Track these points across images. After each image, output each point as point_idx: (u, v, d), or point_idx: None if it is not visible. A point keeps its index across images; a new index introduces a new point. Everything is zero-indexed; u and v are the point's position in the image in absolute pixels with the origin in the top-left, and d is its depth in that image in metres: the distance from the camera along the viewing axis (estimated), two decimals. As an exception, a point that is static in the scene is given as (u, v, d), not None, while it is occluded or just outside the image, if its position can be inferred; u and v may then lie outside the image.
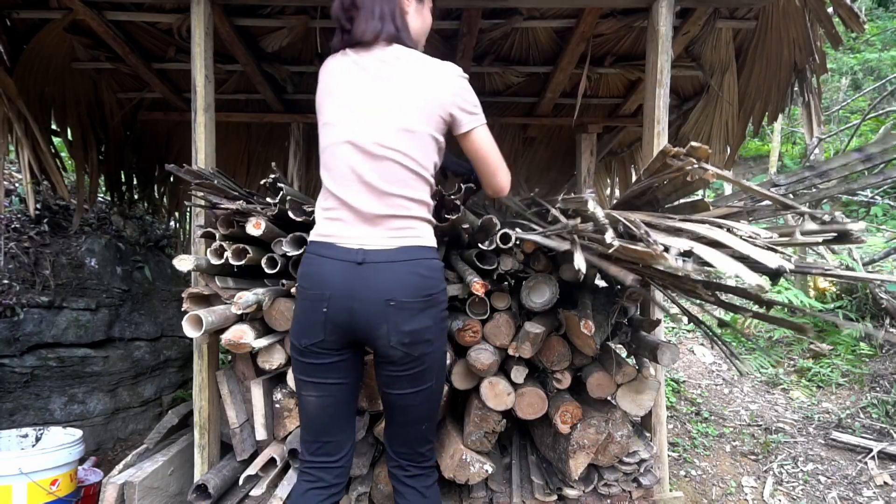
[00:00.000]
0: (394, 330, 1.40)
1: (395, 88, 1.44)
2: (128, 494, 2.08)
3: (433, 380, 1.51)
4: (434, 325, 1.46)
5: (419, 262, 1.43)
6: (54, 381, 3.23)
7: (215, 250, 1.98)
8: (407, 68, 1.46)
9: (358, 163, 1.44)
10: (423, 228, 1.47)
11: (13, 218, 3.44)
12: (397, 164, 1.42)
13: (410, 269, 1.41)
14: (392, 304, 1.38)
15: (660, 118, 2.27)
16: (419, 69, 1.46)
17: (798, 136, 9.75)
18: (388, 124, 1.43)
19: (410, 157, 1.43)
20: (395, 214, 1.42)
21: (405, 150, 1.43)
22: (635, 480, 2.18)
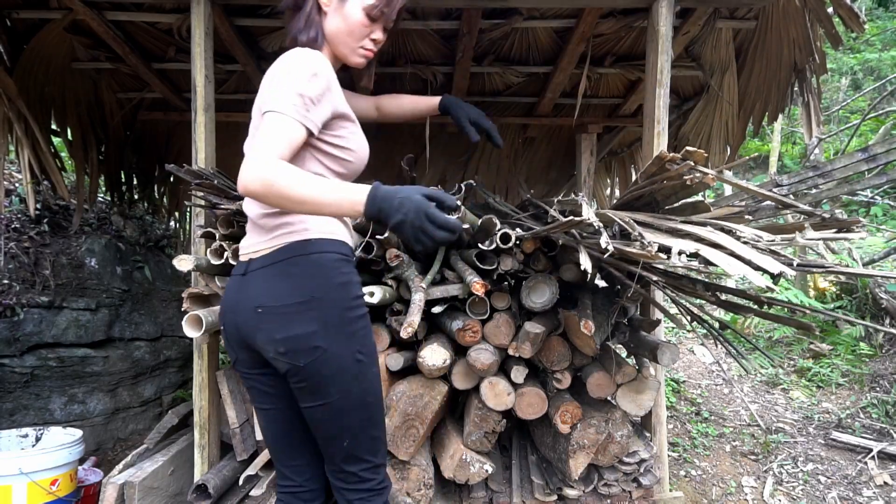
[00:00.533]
0: (268, 339, 1.27)
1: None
2: (128, 494, 2.08)
3: (335, 393, 1.29)
4: (322, 329, 1.26)
5: (293, 260, 1.28)
6: (54, 381, 3.23)
7: (215, 250, 1.98)
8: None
9: None
10: (307, 222, 1.32)
11: (13, 218, 3.44)
12: None
13: (281, 270, 1.28)
14: (260, 311, 1.26)
15: (660, 118, 2.27)
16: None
17: (798, 136, 9.75)
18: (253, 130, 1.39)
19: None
20: (271, 214, 1.32)
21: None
22: (635, 480, 2.18)
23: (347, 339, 1.29)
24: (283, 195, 1.14)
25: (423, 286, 1.95)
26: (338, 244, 1.36)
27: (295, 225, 1.31)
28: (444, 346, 1.98)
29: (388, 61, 3.16)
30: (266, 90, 1.29)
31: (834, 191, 1.60)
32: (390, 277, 2.06)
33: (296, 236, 1.31)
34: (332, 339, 1.27)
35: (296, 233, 1.31)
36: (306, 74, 1.26)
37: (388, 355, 2.06)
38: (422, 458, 2.10)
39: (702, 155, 1.36)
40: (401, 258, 1.99)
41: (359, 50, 1.44)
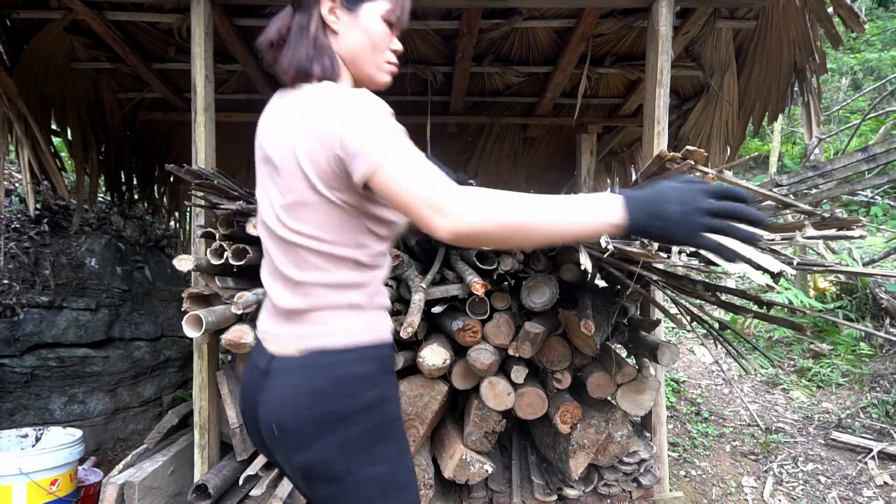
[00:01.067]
0: (284, 460, 1.10)
1: (282, 149, 1.05)
2: (128, 494, 2.08)
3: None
4: (344, 454, 1.04)
5: (321, 373, 1.04)
6: (54, 381, 3.23)
7: (215, 250, 1.98)
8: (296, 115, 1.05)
9: (270, 247, 1.12)
10: (337, 322, 1.07)
11: (13, 218, 3.44)
12: (302, 248, 1.05)
13: (304, 383, 1.04)
14: (275, 430, 1.06)
15: (660, 118, 2.27)
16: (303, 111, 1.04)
17: (798, 136, 9.76)
18: (280, 197, 1.06)
19: (311, 235, 1.04)
20: (305, 308, 1.07)
21: (304, 230, 1.04)
22: (635, 480, 2.18)
23: (374, 463, 1.06)
24: (513, 226, 0.86)
25: (423, 286, 1.95)
26: (379, 349, 1.12)
27: (330, 325, 1.07)
28: (444, 346, 1.98)
29: (388, 61, 3.16)
30: (355, 130, 0.95)
31: (834, 191, 1.61)
32: (390, 277, 2.06)
33: (330, 340, 1.06)
34: (355, 465, 1.05)
35: (331, 335, 1.06)
36: (380, 111, 0.98)
37: (388, 355, 2.06)
38: (422, 458, 2.10)
39: (702, 154, 1.37)
40: (401, 258, 1.99)
41: (385, 66, 1.19)
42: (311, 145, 0.99)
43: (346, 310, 1.08)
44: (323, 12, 1.12)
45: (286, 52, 1.11)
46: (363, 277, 1.10)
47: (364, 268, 1.10)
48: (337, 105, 0.99)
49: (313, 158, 0.99)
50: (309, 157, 1.00)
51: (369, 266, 1.11)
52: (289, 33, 1.13)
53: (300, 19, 1.12)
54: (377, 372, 1.11)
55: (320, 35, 1.13)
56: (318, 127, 0.99)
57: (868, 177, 3.06)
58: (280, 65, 1.11)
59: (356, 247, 1.07)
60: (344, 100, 1.00)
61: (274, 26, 1.14)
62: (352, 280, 1.08)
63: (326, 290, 1.08)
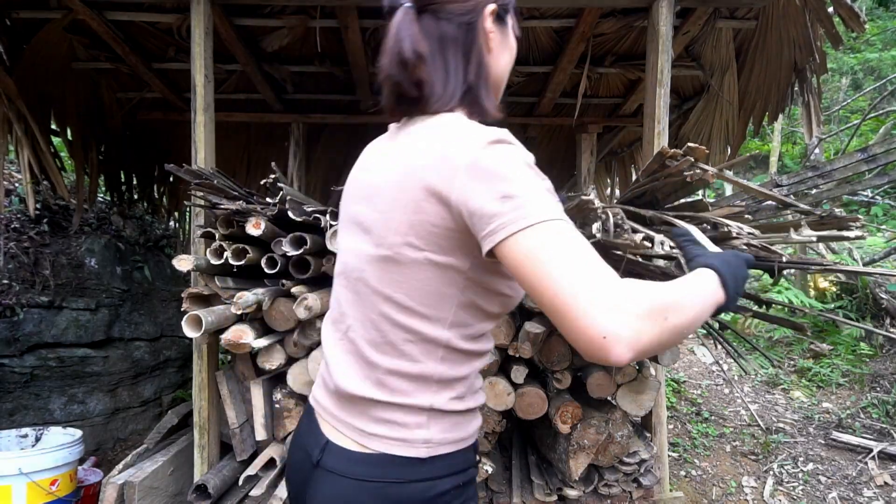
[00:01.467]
0: None
1: (384, 191, 0.83)
2: (128, 494, 2.08)
3: None
4: None
5: (383, 489, 0.82)
6: (54, 381, 3.23)
7: (215, 250, 1.98)
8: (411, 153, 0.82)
9: (346, 303, 0.90)
10: (416, 429, 0.83)
11: (13, 218, 3.44)
12: (386, 319, 0.83)
13: (363, 497, 0.82)
14: None
15: (660, 118, 2.27)
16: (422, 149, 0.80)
17: (798, 136, 9.75)
18: (373, 248, 0.84)
19: (400, 304, 0.82)
20: (374, 399, 0.84)
21: (393, 295, 0.82)
22: (635, 480, 2.18)
23: None
24: (676, 326, 0.68)
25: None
26: (464, 460, 0.89)
27: (405, 430, 0.83)
28: (444, 346, 1.98)
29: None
30: (484, 184, 0.72)
31: (834, 191, 1.60)
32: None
33: (405, 448, 0.83)
34: None
35: (407, 443, 0.83)
36: (528, 159, 0.76)
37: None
38: (422, 458, 2.10)
39: (703, 151, 1.37)
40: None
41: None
42: (420, 192, 0.76)
43: (429, 413, 0.84)
44: (487, 25, 0.87)
45: (435, 73, 0.84)
46: (456, 371, 0.85)
47: (459, 356, 0.85)
48: (469, 145, 0.74)
49: (420, 208, 0.76)
50: (415, 206, 0.77)
51: (466, 354, 0.85)
52: (432, 47, 0.84)
53: (449, 29, 0.85)
54: (456, 489, 0.86)
55: (484, 53, 0.88)
56: (431, 170, 0.75)
57: (868, 177, 3.06)
58: (433, 86, 0.84)
59: (455, 326, 0.83)
60: (478, 138, 0.74)
61: (405, 35, 0.83)
62: (441, 375, 0.83)
63: (406, 383, 0.83)
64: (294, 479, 0.95)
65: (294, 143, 3.77)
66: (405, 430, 0.83)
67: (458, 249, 0.78)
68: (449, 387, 0.85)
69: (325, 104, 3.72)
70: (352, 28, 2.62)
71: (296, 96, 3.60)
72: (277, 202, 1.94)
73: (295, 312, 1.87)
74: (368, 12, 2.64)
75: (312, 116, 3.72)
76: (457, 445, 0.87)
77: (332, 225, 1.91)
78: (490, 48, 0.88)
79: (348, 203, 0.94)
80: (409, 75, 0.83)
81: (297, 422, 1.03)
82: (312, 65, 3.20)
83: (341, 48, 2.88)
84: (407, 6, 0.85)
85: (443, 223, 0.76)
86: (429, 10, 0.85)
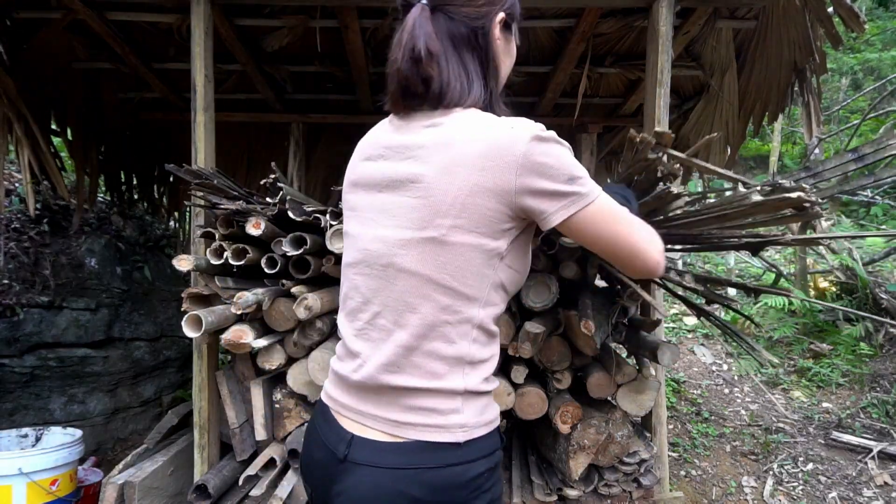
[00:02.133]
0: None
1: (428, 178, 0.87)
2: (128, 494, 2.08)
3: None
4: None
5: (418, 476, 0.82)
6: (54, 381, 3.23)
7: (215, 250, 1.98)
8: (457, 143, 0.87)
9: (368, 291, 0.91)
10: (453, 414, 0.85)
11: (13, 218, 3.44)
12: (427, 300, 0.85)
13: (401, 483, 0.82)
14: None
15: (660, 118, 2.27)
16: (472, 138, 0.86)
17: (798, 136, 9.76)
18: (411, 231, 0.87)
19: (443, 283, 0.85)
20: (410, 387, 0.85)
21: (434, 274, 0.85)
22: (635, 480, 2.18)
23: None
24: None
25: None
26: (493, 442, 0.91)
27: (443, 416, 0.84)
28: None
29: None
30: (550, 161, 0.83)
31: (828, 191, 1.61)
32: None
33: (441, 434, 0.84)
34: None
35: (443, 429, 0.84)
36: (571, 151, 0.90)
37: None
38: (422, 458, 2.10)
39: (669, 136, 1.40)
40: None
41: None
42: (474, 179, 0.82)
43: (463, 396, 0.86)
44: (496, 31, 0.94)
45: (449, 72, 0.89)
46: (486, 351, 0.90)
47: (486, 337, 0.89)
48: (522, 137, 0.82)
49: (474, 193, 0.82)
50: (469, 191, 0.82)
51: (491, 335, 0.91)
52: (444, 45, 0.89)
53: (462, 31, 0.90)
54: (488, 471, 0.87)
55: (499, 59, 0.98)
56: (491, 160, 0.82)
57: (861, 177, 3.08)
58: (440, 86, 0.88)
59: (487, 305, 0.88)
60: (530, 131, 0.83)
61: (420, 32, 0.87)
62: (473, 356, 0.87)
63: (442, 365, 0.85)
64: (316, 476, 0.94)
65: (294, 143, 3.77)
66: (440, 416, 0.84)
67: (504, 233, 0.86)
68: (479, 368, 0.89)
69: (325, 104, 3.72)
70: (352, 28, 2.62)
71: (296, 96, 3.59)
72: (277, 202, 1.94)
73: (295, 312, 1.87)
74: (368, 12, 2.64)
75: (312, 116, 3.72)
76: (488, 428, 0.90)
77: (332, 225, 1.91)
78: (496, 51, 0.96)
79: (364, 193, 0.96)
80: (419, 71, 0.87)
81: (309, 422, 1.03)
82: (312, 65, 3.20)
83: (341, 48, 2.87)
84: (423, 3, 0.89)
85: (498, 208, 0.83)
86: (442, 10, 0.90)
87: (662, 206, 1.53)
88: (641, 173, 1.54)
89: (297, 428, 2.10)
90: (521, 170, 0.82)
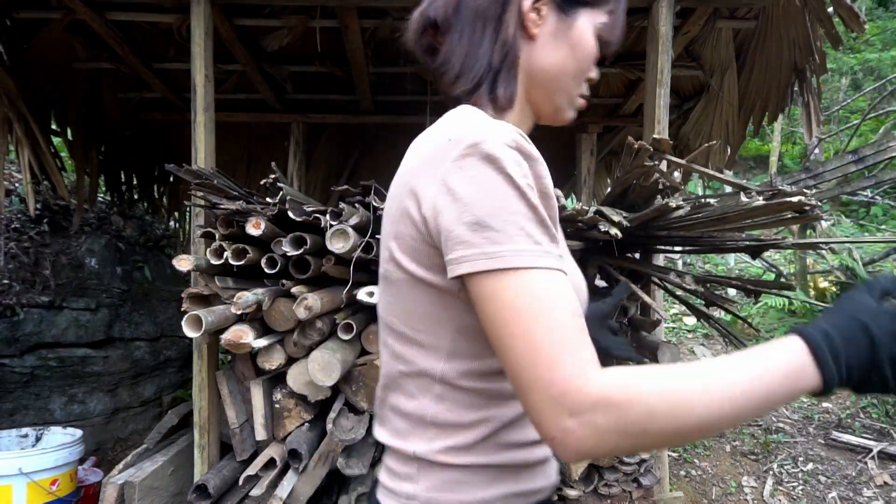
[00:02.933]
0: None
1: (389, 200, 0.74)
2: (128, 494, 2.08)
3: None
4: None
5: None
6: (54, 381, 3.23)
7: (215, 250, 1.98)
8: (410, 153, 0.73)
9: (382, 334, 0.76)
10: (404, 478, 0.70)
11: (13, 218, 3.44)
12: (384, 345, 0.74)
13: None
14: None
15: (660, 118, 2.27)
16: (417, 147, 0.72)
17: (798, 136, 9.76)
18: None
19: (397, 331, 0.70)
20: (382, 441, 0.75)
21: (390, 319, 0.71)
22: (635, 480, 2.18)
23: None
24: (665, 431, 0.51)
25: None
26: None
27: (400, 479, 0.70)
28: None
29: (389, 61, 3.16)
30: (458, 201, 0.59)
31: (828, 192, 1.61)
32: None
33: (390, 499, 0.71)
34: None
35: (395, 495, 0.70)
36: (529, 172, 0.61)
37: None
38: (422, 458, 2.10)
39: (667, 143, 1.40)
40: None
41: (577, 99, 0.80)
42: (404, 200, 0.65)
43: (417, 464, 0.69)
44: (525, 4, 0.73)
45: (453, 45, 0.74)
46: (458, 415, 0.67)
47: (461, 396, 0.67)
48: (453, 147, 0.61)
49: (402, 218, 0.66)
50: (399, 215, 0.66)
51: (473, 394, 0.67)
52: (457, 16, 0.74)
53: (481, 1, 0.73)
54: None
55: (517, 37, 0.74)
56: (416, 174, 0.65)
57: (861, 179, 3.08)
58: (441, 63, 0.75)
59: (452, 357, 0.66)
60: (466, 142, 0.60)
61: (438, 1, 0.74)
62: (436, 416, 0.67)
63: (403, 422, 0.70)
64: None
65: (294, 143, 3.77)
66: (396, 479, 0.71)
67: (439, 266, 0.63)
68: (446, 433, 0.67)
69: (325, 104, 3.72)
70: (352, 28, 2.62)
71: (296, 96, 3.59)
72: (277, 202, 1.94)
73: (295, 312, 1.87)
74: (368, 12, 2.64)
75: (312, 116, 3.72)
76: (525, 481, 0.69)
77: (332, 225, 1.91)
78: (532, 34, 0.74)
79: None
80: (420, 38, 0.77)
81: None
82: (312, 65, 3.20)
83: (341, 48, 2.88)
84: None
85: (419, 236, 0.64)
86: None
87: (662, 216, 1.54)
88: (640, 178, 1.55)
89: (297, 428, 2.10)
90: (436, 188, 0.61)
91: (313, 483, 2.06)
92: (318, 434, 2.12)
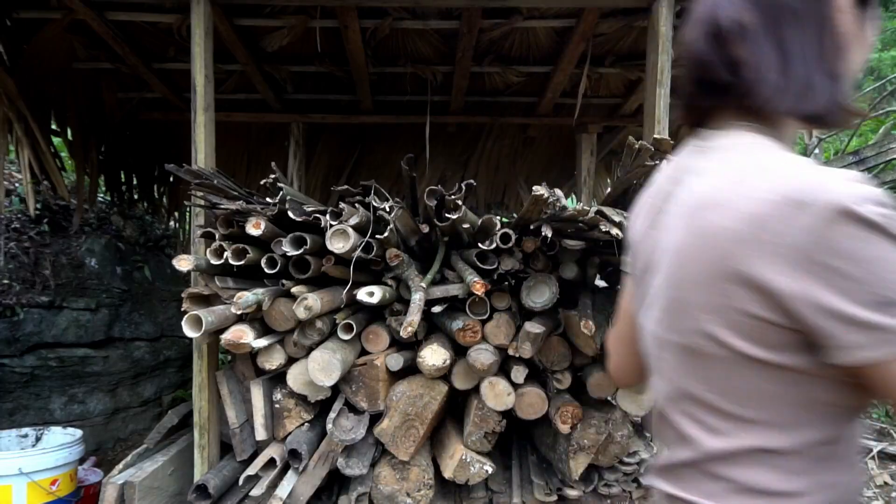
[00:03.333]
0: None
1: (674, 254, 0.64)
2: (128, 494, 2.08)
3: None
4: None
5: None
6: (54, 381, 3.23)
7: (215, 250, 1.98)
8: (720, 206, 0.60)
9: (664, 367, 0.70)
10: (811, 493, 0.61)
11: (13, 218, 3.44)
12: (685, 416, 0.67)
13: None
14: None
15: (660, 118, 2.27)
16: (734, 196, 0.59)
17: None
18: (653, 328, 0.70)
19: (707, 403, 0.64)
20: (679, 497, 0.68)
21: (696, 391, 0.64)
22: (635, 480, 2.18)
23: None
24: None
25: (423, 286, 1.95)
26: None
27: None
28: (444, 346, 1.98)
29: (389, 61, 3.16)
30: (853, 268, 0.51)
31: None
32: (390, 277, 2.06)
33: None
34: None
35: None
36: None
37: (388, 355, 2.06)
38: (422, 459, 2.10)
39: (668, 143, 1.40)
40: (401, 258, 1.99)
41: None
42: (724, 268, 0.57)
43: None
44: (842, 2, 0.62)
45: (763, 54, 0.61)
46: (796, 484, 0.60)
47: (796, 460, 0.60)
48: (812, 209, 0.52)
49: (726, 290, 0.57)
50: (717, 286, 0.58)
51: (806, 458, 0.61)
52: (760, 16, 0.61)
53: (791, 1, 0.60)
54: None
55: (843, 36, 0.62)
56: (745, 244, 0.55)
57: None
58: (747, 75, 0.61)
59: (793, 427, 0.60)
60: (827, 198, 0.51)
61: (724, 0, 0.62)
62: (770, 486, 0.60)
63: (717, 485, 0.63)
64: None
65: (294, 143, 3.77)
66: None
67: (792, 346, 0.56)
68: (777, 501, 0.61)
69: (325, 104, 3.72)
70: (352, 28, 2.62)
71: (296, 96, 3.59)
72: (277, 202, 1.94)
73: (295, 312, 1.87)
74: (368, 12, 2.64)
75: (312, 116, 3.72)
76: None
77: (332, 225, 1.91)
78: (850, 34, 0.63)
79: (637, 253, 0.73)
80: (723, 52, 0.62)
81: None
82: (312, 65, 3.20)
83: (341, 48, 2.88)
84: None
85: (765, 315, 0.56)
86: None
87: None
88: (641, 178, 1.55)
89: (297, 428, 2.10)
90: (803, 264, 0.52)
91: (313, 483, 2.06)
92: (318, 434, 2.12)
